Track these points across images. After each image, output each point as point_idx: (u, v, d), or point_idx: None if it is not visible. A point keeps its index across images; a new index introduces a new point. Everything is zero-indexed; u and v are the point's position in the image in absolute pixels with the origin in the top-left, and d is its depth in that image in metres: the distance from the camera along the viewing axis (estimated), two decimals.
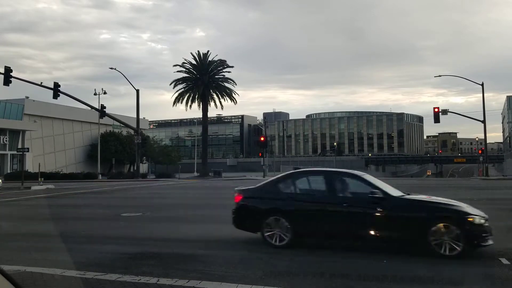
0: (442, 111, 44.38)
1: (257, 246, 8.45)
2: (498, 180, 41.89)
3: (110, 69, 53.71)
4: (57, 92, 35.92)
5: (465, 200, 17.22)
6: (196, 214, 14.10)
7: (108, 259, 7.40)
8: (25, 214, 15.36)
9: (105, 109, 44.09)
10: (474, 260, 6.93)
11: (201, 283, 5.72)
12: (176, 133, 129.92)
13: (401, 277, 6.02)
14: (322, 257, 7.37)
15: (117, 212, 14.49)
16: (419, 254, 7.32)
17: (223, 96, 58.28)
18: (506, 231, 10.03)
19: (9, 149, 49.11)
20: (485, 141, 49.32)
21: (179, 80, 58.61)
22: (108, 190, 27.36)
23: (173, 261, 7.25)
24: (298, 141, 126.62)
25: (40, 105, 52.29)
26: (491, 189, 25.56)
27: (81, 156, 60.08)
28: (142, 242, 9.00)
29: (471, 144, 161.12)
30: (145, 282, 5.80)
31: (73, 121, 58.66)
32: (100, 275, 6.16)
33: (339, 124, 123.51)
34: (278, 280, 5.91)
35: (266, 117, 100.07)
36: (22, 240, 9.61)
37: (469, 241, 7.04)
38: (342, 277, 6.22)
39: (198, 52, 58.89)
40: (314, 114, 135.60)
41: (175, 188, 29.77)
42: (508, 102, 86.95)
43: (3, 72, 31.80)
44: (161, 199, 20.70)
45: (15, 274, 5.95)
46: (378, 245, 8.09)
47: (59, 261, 7.15)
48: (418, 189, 25.37)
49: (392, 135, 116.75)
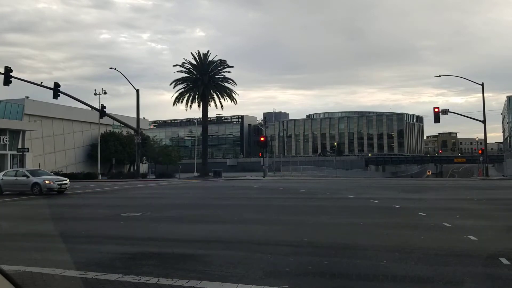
0: (442, 111, 44.40)
1: (257, 246, 8.46)
2: (498, 180, 41.89)
3: (110, 69, 53.72)
4: (57, 92, 35.96)
5: (465, 201, 17.29)
6: (196, 214, 14.11)
7: (108, 259, 7.40)
8: (25, 214, 15.38)
9: (105, 109, 44.12)
10: (474, 260, 6.94)
11: (201, 283, 5.72)
12: (176, 133, 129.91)
13: (401, 277, 6.02)
14: (322, 257, 7.36)
15: (117, 212, 14.50)
16: (419, 254, 7.32)
17: (223, 96, 58.30)
18: (506, 231, 10.03)
19: (9, 149, 49.07)
20: (485, 141, 49.33)
21: (179, 80, 58.65)
22: (108, 190, 27.36)
23: (173, 261, 7.25)
24: (298, 141, 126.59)
25: (40, 105, 52.28)
26: (491, 189, 25.57)
27: (81, 156, 60.05)
28: (142, 242, 9.00)
29: (471, 144, 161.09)
30: (145, 282, 5.80)
31: (73, 121, 58.63)
32: (100, 275, 6.15)
33: (339, 124, 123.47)
34: (278, 280, 5.90)
35: (266, 117, 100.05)
36: (22, 240, 9.62)
37: None
38: (342, 277, 6.22)
39: (198, 52, 58.97)
40: (314, 114, 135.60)
41: (175, 188, 29.77)
42: (508, 102, 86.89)
43: (3, 72, 31.82)
44: (161, 199, 20.71)
45: (15, 274, 5.95)
46: (378, 245, 8.10)
47: (59, 261, 7.15)
48: (419, 189, 25.42)
49: (392, 135, 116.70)
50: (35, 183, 22.84)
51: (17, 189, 23.63)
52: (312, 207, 15.99)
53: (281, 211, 14.58)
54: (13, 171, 26.32)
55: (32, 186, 22.82)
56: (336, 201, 18.21)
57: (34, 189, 22.71)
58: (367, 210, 14.81)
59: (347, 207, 15.92)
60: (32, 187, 22.81)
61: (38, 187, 22.69)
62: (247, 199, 20.08)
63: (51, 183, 22.97)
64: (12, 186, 23.76)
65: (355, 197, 19.56)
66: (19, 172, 25.05)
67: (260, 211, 14.50)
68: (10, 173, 25.30)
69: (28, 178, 23.31)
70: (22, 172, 24.63)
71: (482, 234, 9.29)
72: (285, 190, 25.87)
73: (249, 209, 15.24)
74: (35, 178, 23.24)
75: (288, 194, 23.01)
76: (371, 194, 21.33)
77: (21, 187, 23.40)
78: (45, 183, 22.74)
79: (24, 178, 23.57)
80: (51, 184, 22.89)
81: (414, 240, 8.75)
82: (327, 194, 21.86)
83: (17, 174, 24.48)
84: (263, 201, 19.18)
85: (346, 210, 14.99)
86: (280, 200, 19.71)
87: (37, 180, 22.93)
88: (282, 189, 27.33)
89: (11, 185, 23.79)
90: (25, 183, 23.21)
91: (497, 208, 14.69)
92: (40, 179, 23.05)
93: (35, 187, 22.75)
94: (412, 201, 16.90)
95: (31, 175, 23.59)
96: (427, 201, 16.98)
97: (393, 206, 15.12)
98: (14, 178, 24.00)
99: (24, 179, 23.49)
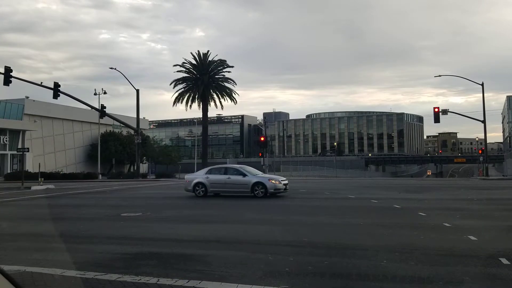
0: (442, 111, 44.40)
1: (257, 246, 8.46)
2: (498, 180, 41.88)
3: (110, 69, 53.95)
4: (57, 92, 35.97)
5: (465, 201, 17.30)
6: (196, 214, 14.11)
7: (108, 259, 7.40)
8: (25, 214, 15.36)
9: (105, 109, 44.12)
10: (474, 260, 6.94)
11: (201, 283, 5.71)
12: (176, 133, 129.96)
13: (401, 277, 6.02)
14: (322, 257, 7.36)
15: (117, 212, 14.49)
16: (419, 254, 7.33)
17: (223, 96, 58.30)
18: (506, 231, 10.03)
19: (9, 149, 49.12)
20: (485, 141, 49.34)
21: (179, 80, 58.65)
22: (108, 190, 27.36)
23: (173, 261, 7.25)
24: (298, 141, 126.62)
25: (40, 105, 52.32)
26: (491, 189, 25.56)
27: (81, 156, 60.08)
28: (142, 242, 8.99)
29: (471, 144, 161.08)
30: (145, 282, 5.80)
31: (73, 121, 58.68)
32: (100, 275, 6.15)
33: (339, 124, 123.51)
34: (278, 280, 5.90)
35: (266, 117, 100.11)
36: (22, 240, 9.61)
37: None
38: (342, 277, 6.22)
39: (198, 52, 58.97)
40: (314, 114, 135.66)
41: (175, 188, 29.76)
42: (508, 102, 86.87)
43: (3, 72, 31.83)
44: (161, 199, 20.71)
45: (15, 274, 5.95)
46: (378, 245, 8.10)
47: (59, 261, 7.15)
48: (419, 189, 25.41)
49: (392, 135, 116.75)
50: (258, 183, 19.63)
51: (230, 190, 20.30)
52: (312, 207, 15.99)
53: (281, 211, 14.58)
54: (220, 168, 22.05)
55: (253, 186, 19.57)
56: (336, 201, 18.21)
57: (256, 190, 19.43)
58: (367, 210, 14.81)
59: (347, 207, 15.92)
60: (253, 187, 19.55)
61: (262, 187, 19.43)
62: (247, 199, 20.06)
63: (277, 183, 19.83)
64: (222, 186, 20.32)
65: (355, 197, 19.55)
66: (231, 169, 21.36)
67: (260, 211, 14.50)
68: (215, 171, 21.18)
69: (245, 177, 19.98)
70: (236, 170, 20.99)
71: (482, 234, 9.30)
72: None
73: (249, 209, 15.23)
74: (255, 177, 20.16)
75: (288, 194, 22.98)
76: (371, 194, 21.33)
77: (237, 187, 20.10)
78: (272, 183, 19.63)
79: (239, 177, 20.12)
80: (277, 185, 19.72)
81: (414, 240, 8.76)
82: (327, 194, 21.85)
83: (228, 172, 20.82)
84: (263, 201, 19.17)
85: (346, 210, 14.99)
86: (280, 200, 19.70)
87: (260, 180, 19.79)
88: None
89: (221, 185, 20.33)
90: (243, 183, 19.86)
91: (497, 208, 14.69)
92: (263, 178, 20.09)
93: (257, 187, 19.49)
94: (412, 201, 16.90)
95: (248, 174, 20.34)
96: (427, 201, 16.98)
97: (393, 206, 15.12)
98: (226, 177, 20.36)
99: (240, 178, 20.07)
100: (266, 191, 19.30)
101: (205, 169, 22.07)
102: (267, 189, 19.33)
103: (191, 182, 20.74)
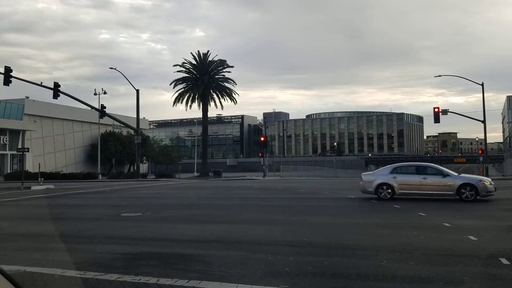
0: (442, 111, 44.36)
1: (257, 246, 8.46)
2: (498, 180, 41.84)
3: (110, 69, 53.94)
4: (57, 92, 35.96)
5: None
6: (196, 214, 14.11)
7: (108, 259, 7.40)
8: (25, 214, 15.36)
9: (105, 109, 44.12)
10: (474, 260, 6.94)
11: (201, 283, 5.71)
12: (176, 133, 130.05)
13: (401, 277, 6.02)
14: (322, 257, 7.36)
15: (117, 212, 14.49)
16: (419, 254, 7.33)
17: (223, 96, 58.32)
18: (506, 231, 10.03)
19: (9, 149, 49.13)
20: (485, 141, 49.31)
21: (179, 80, 58.67)
22: (108, 190, 27.36)
23: (173, 261, 7.25)
24: (298, 141, 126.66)
25: (40, 105, 52.33)
26: None
27: (81, 156, 60.09)
28: (142, 242, 8.99)
29: (471, 144, 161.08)
30: (145, 282, 5.80)
31: (73, 121, 58.69)
32: (100, 275, 6.15)
33: (339, 124, 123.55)
34: (278, 280, 5.90)
35: (266, 117, 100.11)
36: (22, 240, 9.61)
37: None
38: (342, 277, 6.22)
39: (198, 52, 58.99)
40: (314, 114, 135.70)
41: (175, 188, 29.77)
42: (508, 102, 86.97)
43: (3, 72, 31.83)
44: (161, 199, 20.71)
45: (15, 274, 5.95)
46: (378, 245, 8.10)
47: (59, 261, 7.15)
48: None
49: (392, 135, 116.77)
50: (466, 184, 16.67)
51: (426, 192, 17.29)
52: (312, 207, 16.00)
53: (281, 211, 14.58)
54: (408, 166, 19.09)
55: (458, 188, 16.61)
56: (336, 201, 18.21)
57: (464, 193, 16.49)
58: (367, 210, 14.81)
59: (347, 207, 15.93)
60: (459, 190, 16.59)
61: (472, 190, 16.48)
62: (247, 199, 20.08)
63: (488, 184, 16.84)
64: (417, 188, 17.26)
65: (355, 197, 19.55)
66: (426, 168, 18.09)
67: (260, 211, 14.51)
68: (403, 170, 18.10)
69: (446, 178, 17.05)
70: (433, 168, 17.93)
71: (482, 234, 9.30)
72: (285, 190, 25.87)
73: (249, 209, 15.24)
74: (459, 177, 17.37)
75: (288, 194, 23.02)
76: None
77: (436, 189, 17.11)
78: (484, 184, 16.66)
79: (438, 177, 17.16)
80: (488, 186, 16.74)
81: (414, 240, 8.76)
82: (327, 194, 21.86)
83: (422, 171, 17.70)
84: (263, 201, 19.19)
85: (346, 210, 15.00)
86: (280, 200, 19.72)
87: (469, 181, 16.85)
88: (282, 189, 27.34)
89: (415, 187, 17.30)
90: (445, 185, 16.90)
91: (497, 208, 14.69)
92: (472, 179, 17.18)
93: (465, 189, 16.54)
94: (412, 201, 16.89)
95: (450, 173, 17.56)
96: (427, 201, 16.97)
97: (393, 206, 15.12)
98: (420, 177, 17.30)
99: (439, 179, 17.10)
100: (477, 194, 16.45)
101: (387, 168, 18.67)
102: (479, 191, 16.46)
103: (372, 182, 17.93)
